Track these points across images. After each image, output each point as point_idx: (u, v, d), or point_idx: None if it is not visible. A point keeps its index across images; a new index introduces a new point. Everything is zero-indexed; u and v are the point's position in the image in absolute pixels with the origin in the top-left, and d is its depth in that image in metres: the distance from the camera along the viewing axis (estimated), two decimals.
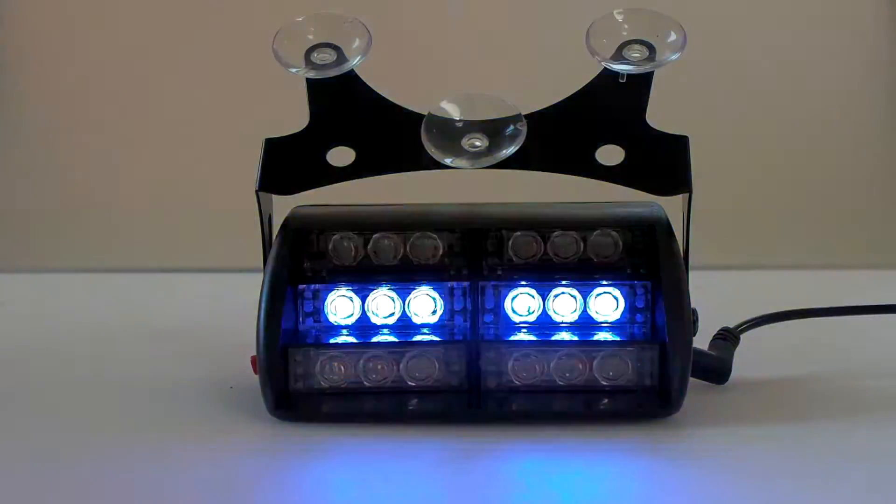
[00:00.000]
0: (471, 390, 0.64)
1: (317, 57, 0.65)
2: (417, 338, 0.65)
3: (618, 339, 0.64)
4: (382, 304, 0.65)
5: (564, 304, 0.65)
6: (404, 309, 0.65)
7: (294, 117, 0.66)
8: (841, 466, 0.57)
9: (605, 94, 0.65)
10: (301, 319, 0.65)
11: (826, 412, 0.66)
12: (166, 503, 0.54)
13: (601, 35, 0.64)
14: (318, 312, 0.65)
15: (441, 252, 0.65)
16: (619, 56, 0.64)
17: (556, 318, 0.65)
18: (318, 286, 0.65)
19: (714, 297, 0.72)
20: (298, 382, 0.64)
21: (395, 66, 0.92)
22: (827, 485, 0.55)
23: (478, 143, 0.63)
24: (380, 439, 0.61)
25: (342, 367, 0.64)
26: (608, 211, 0.65)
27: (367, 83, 0.66)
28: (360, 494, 0.55)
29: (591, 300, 0.65)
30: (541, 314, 0.65)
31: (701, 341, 0.68)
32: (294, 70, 0.65)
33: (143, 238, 1.28)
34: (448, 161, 0.64)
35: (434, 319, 0.65)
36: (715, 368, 0.69)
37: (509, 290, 0.65)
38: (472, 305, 0.64)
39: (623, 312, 0.65)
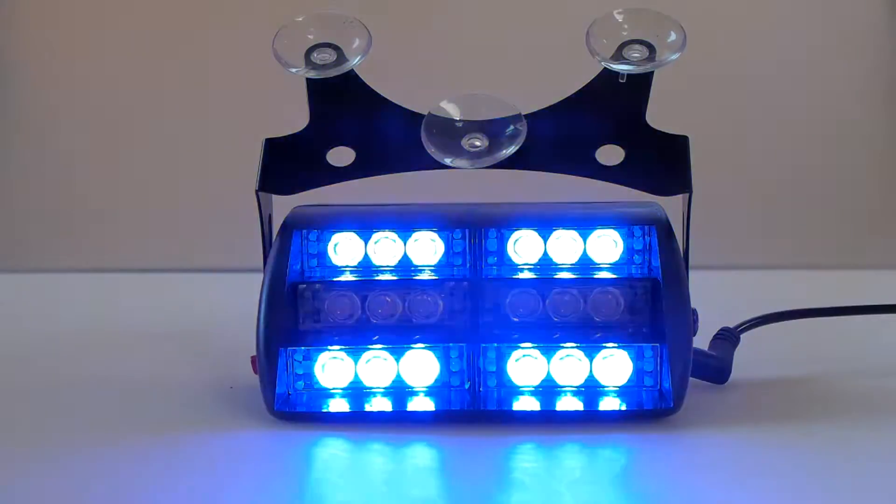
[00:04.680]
0: (471, 390, 0.64)
1: (317, 57, 0.65)
2: (417, 338, 0.65)
3: (618, 338, 0.64)
4: (382, 304, 0.65)
5: (564, 304, 0.65)
6: (404, 308, 0.65)
7: (294, 117, 0.66)
8: (841, 466, 0.57)
9: (605, 94, 0.65)
10: (301, 319, 0.65)
11: (826, 412, 0.66)
12: (166, 503, 0.54)
13: (601, 35, 0.64)
14: (318, 312, 0.65)
15: (441, 252, 0.65)
16: (619, 56, 0.64)
17: (557, 318, 0.65)
18: (318, 286, 0.65)
19: (714, 297, 0.72)
20: (298, 382, 0.65)
21: (395, 66, 0.92)
22: (827, 485, 0.55)
23: (478, 143, 0.63)
24: (380, 439, 0.61)
25: (342, 367, 0.64)
26: (608, 211, 0.65)
27: (367, 83, 0.66)
28: (360, 495, 0.55)
29: (591, 300, 0.65)
30: (541, 314, 0.65)
31: (701, 341, 0.68)
32: (294, 70, 0.65)
33: (143, 238, 1.28)
34: (448, 161, 0.64)
35: (434, 319, 0.65)
36: (715, 368, 0.69)
37: (509, 291, 0.65)
38: (471, 305, 0.64)
39: (623, 313, 0.65)
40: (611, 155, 0.65)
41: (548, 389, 0.64)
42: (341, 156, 0.66)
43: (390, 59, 0.83)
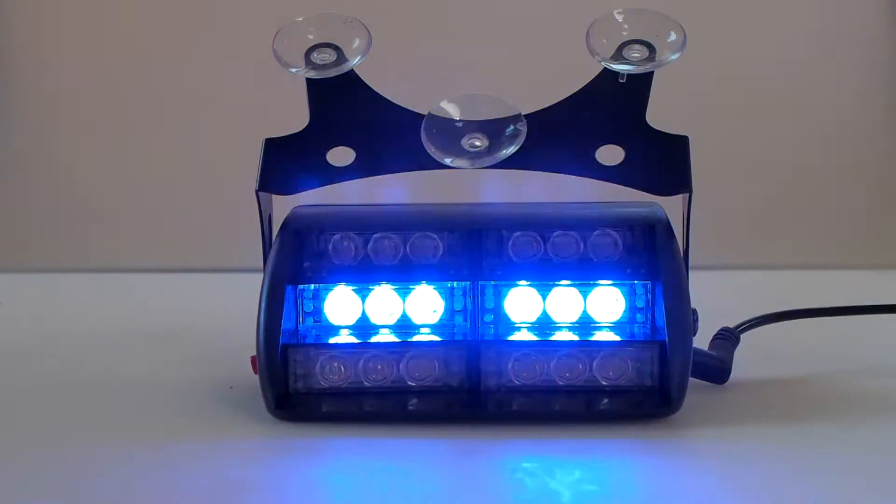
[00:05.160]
0: (471, 390, 0.64)
1: (317, 57, 0.65)
2: (417, 338, 0.65)
3: (618, 339, 0.64)
4: (382, 304, 0.65)
5: (564, 304, 0.65)
6: (404, 309, 0.65)
7: (294, 117, 0.66)
8: (841, 466, 0.57)
9: (605, 94, 0.65)
10: (301, 319, 0.65)
11: (826, 412, 0.66)
12: (166, 503, 0.54)
13: (601, 35, 0.64)
14: (318, 312, 0.65)
15: (441, 252, 0.65)
16: (619, 56, 0.64)
17: (556, 318, 0.65)
18: (318, 286, 0.65)
19: (714, 297, 0.72)
20: (298, 382, 0.64)
21: (395, 66, 0.92)
22: (827, 485, 0.55)
23: (478, 143, 0.63)
24: (380, 439, 0.61)
25: (342, 367, 0.64)
26: (608, 211, 0.65)
27: (367, 83, 0.66)
28: (360, 494, 0.55)
29: (591, 300, 0.65)
30: (541, 314, 0.65)
31: (701, 341, 0.68)
32: (294, 70, 0.65)
33: (143, 238, 1.28)
34: (448, 161, 0.64)
35: (434, 319, 0.65)
36: (715, 368, 0.69)
37: (509, 290, 0.65)
38: (472, 305, 0.64)
39: (623, 312, 0.65)
40: (611, 155, 0.65)
41: (547, 389, 0.64)
42: (341, 156, 0.66)
43: (390, 59, 0.83)
